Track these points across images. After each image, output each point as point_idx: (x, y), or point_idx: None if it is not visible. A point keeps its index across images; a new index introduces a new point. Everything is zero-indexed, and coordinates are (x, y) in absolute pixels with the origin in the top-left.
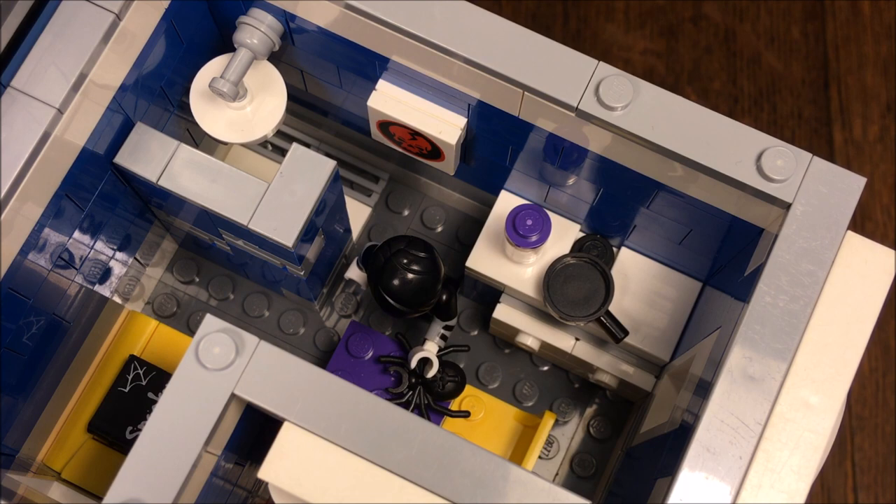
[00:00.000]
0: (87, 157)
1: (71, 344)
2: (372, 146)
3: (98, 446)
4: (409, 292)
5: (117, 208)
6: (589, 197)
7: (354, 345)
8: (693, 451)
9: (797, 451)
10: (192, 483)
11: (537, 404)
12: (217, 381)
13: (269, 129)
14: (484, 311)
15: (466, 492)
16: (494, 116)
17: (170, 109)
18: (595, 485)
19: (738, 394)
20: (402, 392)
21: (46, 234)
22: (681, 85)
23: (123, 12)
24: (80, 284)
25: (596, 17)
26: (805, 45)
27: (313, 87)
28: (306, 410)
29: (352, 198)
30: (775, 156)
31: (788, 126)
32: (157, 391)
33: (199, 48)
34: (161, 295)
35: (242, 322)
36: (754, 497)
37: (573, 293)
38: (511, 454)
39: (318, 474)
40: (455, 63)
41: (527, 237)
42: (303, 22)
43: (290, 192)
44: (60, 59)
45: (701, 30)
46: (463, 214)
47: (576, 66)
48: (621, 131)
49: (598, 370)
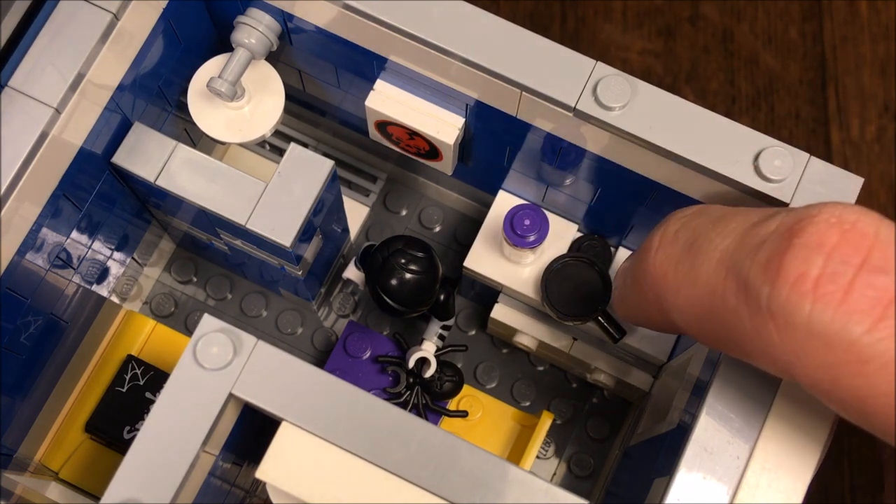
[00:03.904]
0: (85, 156)
1: (69, 344)
2: (370, 146)
3: (96, 446)
4: (406, 292)
5: (115, 208)
6: (587, 197)
7: (352, 345)
8: (691, 450)
9: (794, 451)
10: (190, 483)
11: (535, 404)
12: (215, 380)
13: (267, 128)
14: (482, 311)
15: (464, 491)
16: (492, 116)
17: (167, 109)
18: (593, 484)
19: (736, 394)
20: (399, 392)
21: (44, 233)
22: (678, 85)
23: (121, 12)
24: (77, 284)
25: (594, 18)
26: (803, 46)
27: (311, 87)
28: (304, 410)
29: (350, 198)
30: (773, 156)
31: (786, 126)
32: (154, 391)
33: (196, 48)
34: (159, 295)
35: (240, 322)
36: (752, 497)
37: (571, 293)
38: (509, 454)
39: (315, 474)
40: (453, 63)
41: (525, 237)
42: (301, 22)
43: (288, 192)
44: (58, 58)
45: (699, 30)
46: (461, 214)
47: (573, 66)
48: (619, 131)
49: (596, 370)
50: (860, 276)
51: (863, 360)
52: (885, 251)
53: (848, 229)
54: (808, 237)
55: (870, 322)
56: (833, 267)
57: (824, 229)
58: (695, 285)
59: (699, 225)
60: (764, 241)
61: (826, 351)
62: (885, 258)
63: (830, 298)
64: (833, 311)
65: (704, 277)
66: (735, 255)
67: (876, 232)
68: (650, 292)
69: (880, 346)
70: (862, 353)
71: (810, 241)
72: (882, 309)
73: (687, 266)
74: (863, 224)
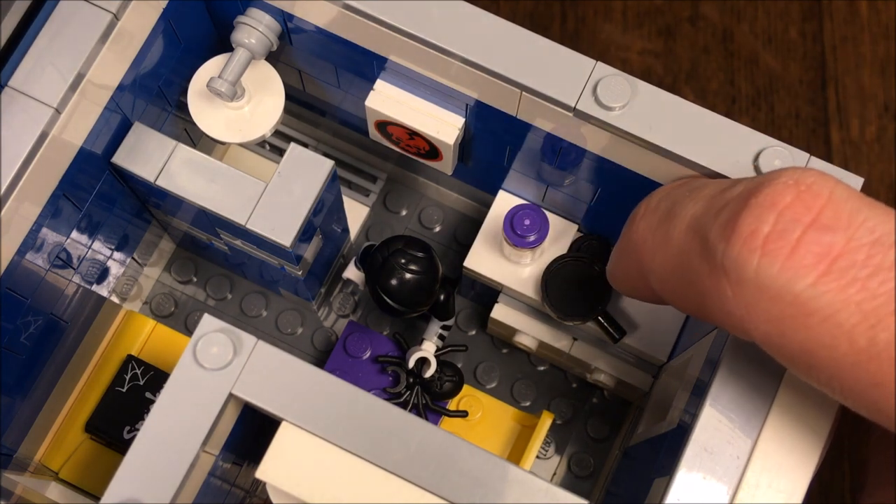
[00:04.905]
0: (85, 156)
1: (69, 344)
2: (370, 146)
3: (96, 446)
4: (406, 292)
5: (115, 208)
6: (587, 197)
7: (352, 344)
8: (691, 450)
9: (794, 451)
10: (190, 483)
11: (535, 404)
12: (215, 380)
13: (267, 128)
14: (482, 311)
15: (464, 491)
16: (492, 116)
17: (167, 109)
18: (593, 484)
19: (736, 393)
20: (399, 392)
21: (44, 233)
22: (678, 85)
23: (121, 12)
24: (77, 284)
25: (594, 17)
26: (803, 46)
27: (311, 87)
28: (304, 410)
29: (350, 198)
30: (773, 156)
31: (786, 126)
32: (154, 391)
33: (196, 48)
34: (159, 295)
35: (240, 322)
36: (752, 497)
37: (571, 293)
38: (509, 454)
39: (315, 474)
40: (453, 63)
41: (525, 237)
42: (301, 22)
43: (288, 192)
44: (58, 58)
45: (699, 30)
46: (461, 214)
47: (573, 66)
48: (619, 131)
49: (596, 370)
50: (808, 233)
51: (807, 313)
52: (836, 210)
53: (803, 190)
54: (763, 197)
55: (814, 276)
56: (783, 224)
57: (780, 189)
58: (667, 249)
59: (679, 194)
60: (727, 204)
61: (773, 304)
62: (835, 217)
63: (778, 254)
64: (780, 266)
65: (675, 241)
66: (701, 218)
67: (830, 192)
68: (633, 259)
69: (823, 299)
70: (806, 306)
71: (765, 201)
72: (827, 264)
73: (662, 231)
74: (818, 185)
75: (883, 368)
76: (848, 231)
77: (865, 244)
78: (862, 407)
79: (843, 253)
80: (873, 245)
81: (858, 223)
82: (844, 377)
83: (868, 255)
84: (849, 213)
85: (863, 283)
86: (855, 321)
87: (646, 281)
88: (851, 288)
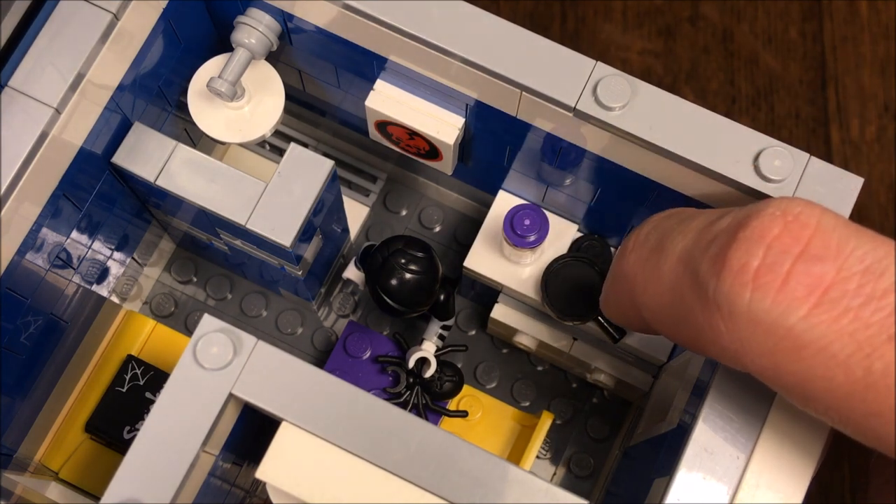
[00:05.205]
0: (85, 156)
1: (68, 344)
2: (370, 146)
3: (96, 446)
4: (406, 292)
5: (115, 208)
6: (587, 197)
7: (352, 344)
8: (691, 450)
9: (795, 451)
10: (190, 483)
11: (535, 404)
12: (215, 380)
13: (267, 128)
14: (482, 311)
15: (464, 491)
16: (492, 116)
17: (167, 109)
18: (593, 484)
19: (736, 394)
20: (399, 392)
21: (44, 233)
22: (678, 85)
23: (121, 12)
24: (77, 284)
25: (594, 18)
26: (803, 46)
27: (311, 87)
28: (304, 410)
29: (350, 198)
30: (773, 156)
31: (786, 126)
32: (154, 391)
33: (196, 48)
34: (159, 295)
35: (240, 322)
36: (752, 497)
37: (571, 293)
38: (509, 454)
39: (315, 474)
40: (453, 63)
41: (525, 237)
42: (301, 22)
43: (288, 192)
44: (58, 58)
45: (699, 30)
46: (461, 214)
47: (573, 66)
48: (619, 131)
49: (596, 370)
50: (798, 264)
51: (801, 346)
52: (824, 240)
53: (790, 221)
54: (751, 230)
55: (806, 308)
56: (773, 257)
57: (768, 222)
58: (659, 283)
59: (668, 226)
60: (716, 237)
61: (766, 338)
62: (824, 246)
63: (769, 287)
64: (771, 300)
65: (666, 275)
66: (692, 252)
67: (818, 222)
68: (625, 292)
69: (816, 331)
70: (800, 338)
71: (753, 234)
72: (818, 296)
73: (653, 265)
74: (805, 215)
75: (880, 398)
76: (838, 260)
77: (856, 273)
78: (861, 435)
79: (834, 283)
80: (864, 274)
81: (848, 252)
82: (842, 408)
83: (859, 284)
84: (837, 242)
85: (856, 313)
86: (849, 351)
87: (638, 311)
88: (844, 318)
